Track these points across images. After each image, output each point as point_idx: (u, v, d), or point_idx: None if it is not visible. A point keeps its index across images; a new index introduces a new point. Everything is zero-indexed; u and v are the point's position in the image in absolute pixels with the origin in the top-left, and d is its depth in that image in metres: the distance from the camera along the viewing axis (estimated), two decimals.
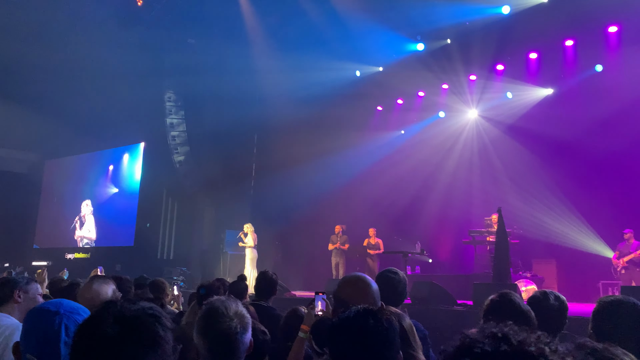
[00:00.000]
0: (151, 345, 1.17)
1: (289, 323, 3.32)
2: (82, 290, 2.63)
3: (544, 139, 11.36)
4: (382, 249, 11.99)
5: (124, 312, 1.20)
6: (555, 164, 11.33)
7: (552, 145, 11.29)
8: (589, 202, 10.73)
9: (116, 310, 1.20)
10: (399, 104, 13.88)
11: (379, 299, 2.24)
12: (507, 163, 11.84)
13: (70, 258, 17.35)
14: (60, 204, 18.98)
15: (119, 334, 1.15)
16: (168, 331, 1.23)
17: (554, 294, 2.94)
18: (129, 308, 1.21)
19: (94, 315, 1.23)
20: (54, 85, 15.02)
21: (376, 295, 2.24)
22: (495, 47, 10.86)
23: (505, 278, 7.75)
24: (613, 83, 10.20)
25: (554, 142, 11.26)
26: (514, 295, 2.50)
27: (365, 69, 12.80)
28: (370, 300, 2.14)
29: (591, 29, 10.18)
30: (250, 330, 1.87)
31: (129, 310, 1.21)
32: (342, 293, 2.23)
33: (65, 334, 1.63)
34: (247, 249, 12.07)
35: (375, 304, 2.13)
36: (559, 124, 11.20)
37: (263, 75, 12.89)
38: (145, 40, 12.78)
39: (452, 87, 12.65)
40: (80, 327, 1.22)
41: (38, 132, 17.08)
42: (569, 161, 11.11)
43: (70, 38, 13.00)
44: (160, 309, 1.28)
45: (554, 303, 2.87)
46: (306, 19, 11.43)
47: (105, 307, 1.23)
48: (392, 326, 1.60)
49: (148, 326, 1.19)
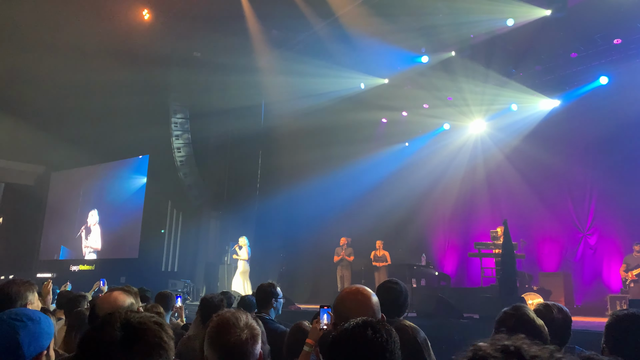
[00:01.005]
0: (157, 352, 1.20)
1: (294, 338, 3.30)
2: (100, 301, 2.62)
3: (550, 151, 11.35)
4: (389, 261, 11.92)
5: (130, 319, 1.23)
6: (561, 176, 11.31)
7: (558, 157, 11.27)
8: (597, 213, 10.69)
9: (122, 318, 1.23)
10: (403, 115, 13.90)
11: (379, 311, 2.23)
12: (512, 175, 11.81)
13: (74, 270, 17.36)
14: (65, 216, 19.04)
15: (125, 340, 1.18)
16: (171, 340, 1.26)
17: (557, 307, 2.90)
18: (133, 316, 1.25)
19: (101, 322, 1.25)
20: (59, 99, 15.15)
21: (376, 308, 2.23)
22: (499, 60, 10.90)
23: (512, 291, 7.71)
24: (618, 96, 10.20)
25: (560, 154, 11.25)
26: (527, 309, 2.48)
27: (370, 81, 12.85)
28: (370, 312, 2.13)
29: (596, 41, 10.20)
30: (260, 342, 1.87)
31: (134, 317, 1.24)
32: (341, 306, 2.22)
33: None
34: (239, 261, 12.18)
35: (376, 316, 2.12)
36: (565, 137, 11.21)
37: (268, 88, 12.97)
38: (150, 54, 12.90)
39: (457, 99, 12.67)
40: (87, 333, 1.24)
41: (44, 144, 17.20)
42: (574, 173, 11.08)
43: (76, 52, 13.13)
44: (162, 319, 1.31)
45: (557, 316, 2.83)
46: (311, 31, 11.52)
47: (111, 315, 1.26)
48: (391, 337, 1.59)
49: (154, 333, 1.22)
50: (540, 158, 11.43)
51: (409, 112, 13.74)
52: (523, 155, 11.69)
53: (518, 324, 2.29)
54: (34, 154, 18.17)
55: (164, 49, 12.96)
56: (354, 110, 12.97)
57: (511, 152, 11.94)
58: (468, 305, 8.28)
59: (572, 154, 11.06)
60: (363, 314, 1.91)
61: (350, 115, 13.01)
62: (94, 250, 17.36)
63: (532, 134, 11.66)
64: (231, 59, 12.20)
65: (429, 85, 12.11)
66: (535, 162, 11.48)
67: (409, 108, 13.65)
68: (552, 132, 11.40)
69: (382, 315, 2.24)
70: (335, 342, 1.59)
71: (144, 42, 12.73)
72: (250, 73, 12.42)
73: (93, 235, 17.53)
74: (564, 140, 11.27)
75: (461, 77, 11.56)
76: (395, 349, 1.58)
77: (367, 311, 2.12)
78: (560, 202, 11.35)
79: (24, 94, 15.05)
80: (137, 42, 12.76)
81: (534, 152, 11.52)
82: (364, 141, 13.60)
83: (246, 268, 12.09)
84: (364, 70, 12.44)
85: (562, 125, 11.25)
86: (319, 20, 11.21)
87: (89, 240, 17.53)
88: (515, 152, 11.85)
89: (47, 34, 12.73)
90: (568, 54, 10.67)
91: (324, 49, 11.56)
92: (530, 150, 11.59)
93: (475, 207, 12.28)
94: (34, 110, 15.55)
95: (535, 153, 11.51)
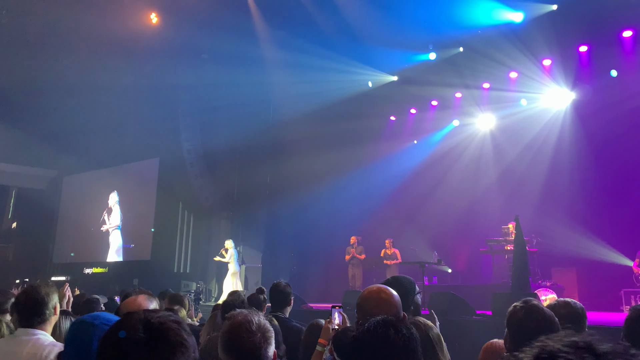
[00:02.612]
0: (180, 350, 1.20)
1: (311, 336, 3.32)
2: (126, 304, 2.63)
3: (561, 146, 11.28)
4: (399, 258, 11.93)
5: (150, 319, 1.23)
6: (573, 171, 11.21)
7: (570, 152, 11.19)
8: (608, 208, 10.59)
9: (141, 317, 1.23)
10: (412, 113, 13.87)
11: (401, 310, 2.23)
12: (523, 171, 11.74)
13: (88, 273, 17.53)
14: (77, 220, 19.21)
15: (150, 341, 1.18)
16: (191, 337, 1.26)
17: (574, 302, 2.93)
18: (152, 315, 1.25)
19: (121, 322, 1.25)
20: (69, 103, 15.27)
21: (399, 305, 2.23)
22: (507, 55, 10.83)
23: (525, 287, 7.66)
24: (631, 88, 10.09)
25: (572, 150, 11.17)
26: (538, 302, 2.48)
27: (377, 80, 12.83)
28: (394, 310, 2.14)
29: (605, 34, 10.10)
30: (274, 343, 1.88)
31: (154, 317, 1.24)
32: (365, 305, 2.23)
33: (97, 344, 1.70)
34: (229, 264, 12.57)
35: (398, 314, 2.13)
36: (577, 132, 11.13)
37: (276, 88, 12.99)
38: (159, 57, 12.97)
39: (466, 96, 12.63)
40: (107, 333, 1.24)
41: (55, 149, 17.38)
42: (587, 168, 10.98)
43: (86, 56, 13.24)
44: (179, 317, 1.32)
45: (573, 312, 2.84)
46: (318, 31, 11.52)
47: (130, 315, 1.26)
48: (412, 336, 1.59)
49: (174, 331, 1.22)
50: (551, 152, 11.36)
51: (418, 110, 13.72)
52: (533, 149, 11.62)
53: (528, 315, 2.29)
54: (46, 158, 18.34)
55: (172, 52, 13.02)
56: (363, 109, 12.95)
57: (521, 147, 11.86)
58: (480, 303, 8.25)
59: (582, 148, 10.96)
60: (386, 312, 1.92)
61: (359, 113, 12.99)
62: (115, 227, 17.48)
63: (543, 130, 11.59)
64: (239, 60, 12.23)
65: (438, 82, 12.06)
66: (546, 156, 11.41)
67: (417, 106, 13.62)
68: (562, 126, 11.33)
69: (404, 314, 2.24)
70: (357, 340, 1.60)
71: (152, 46, 12.80)
72: (258, 74, 12.44)
73: (114, 214, 17.76)
74: (574, 134, 11.19)
75: (469, 73, 11.51)
76: (416, 347, 1.59)
77: (390, 309, 2.13)
78: (572, 197, 11.25)
79: (34, 99, 15.21)
80: (146, 45, 12.83)
81: (544, 147, 11.45)
82: (372, 140, 13.58)
83: (235, 269, 12.59)
84: (371, 68, 12.42)
85: (573, 119, 11.18)
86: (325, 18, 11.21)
87: (111, 220, 17.73)
88: (525, 148, 11.77)
89: (55, 39, 12.85)
90: (576, 47, 10.58)
91: (331, 48, 11.56)
92: (540, 145, 11.52)
93: (487, 204, 12.21)
94: (44, 115, 15.69)
95: (545, 148, 11.44)
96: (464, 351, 3.99)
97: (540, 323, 2.23)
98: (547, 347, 0.84)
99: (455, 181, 12.83)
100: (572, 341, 0.83)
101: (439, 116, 13.40)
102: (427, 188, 12.85)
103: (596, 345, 0.82)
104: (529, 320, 2.25)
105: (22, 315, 2.64)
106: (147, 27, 12.50)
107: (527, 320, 2.26)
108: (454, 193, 12.76)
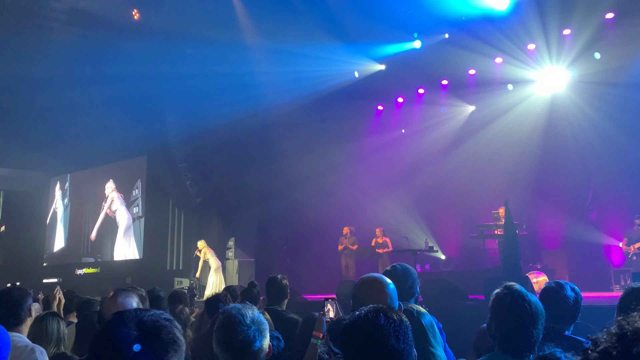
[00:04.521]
0: (173, 348, 1.22)
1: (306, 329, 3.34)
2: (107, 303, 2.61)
3: (549, 131, 11.38)
4: (390, 247, 12.02)
5: (142, 318, 1.23)
6: (560, 153, 11.31)
7: (557, 134, 11.29)
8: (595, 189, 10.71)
9: (133, 316, 1.24)
10: (399, 102, 13.89)
11: (396, 299, 2.23)
12: (510, 155, 11.81)
13: (80, 274, 17.42)
14: (67, 221, 19.07)
15: (143, 340, 1.19)
16: (182, 335, 1.27)
17: (569, 285, 2.99)
18: (145, 314, 1.26)
19: (113, 320, 1.25)
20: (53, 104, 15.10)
21: (393, 295, 2.24)
22: (493, 41, 10.84)
23: (516, 270, 7.75)
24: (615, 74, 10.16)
25: (557, 134, 11.27)
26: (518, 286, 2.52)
27: (364, 69, 12.79)
28: (388, 300, 2.14)
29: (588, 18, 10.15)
30: (268, 336, 1.88)
31: (146, 315, 1.25)
32: (360, 294, 2.23)
33: None
34: (210, 260, 12.76)
35: (393, 303, 2.13)
36: (565, 115, 11.22)
37: (264, 82, 12.90)
38: (143, 52, 12.83)
39: (452, 83, 12.65)
40: (100, 334, 1.24)
41: (41, 150, 17.19)
42: (574, 150, 11.08)
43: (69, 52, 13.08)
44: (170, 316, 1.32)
45: (570, 294, 2.91)
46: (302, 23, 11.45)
47: (122, 314, 1.26)
48: (403, 323, 1.60)
49: (167, 330, 1.23)
50: (539, 136, 11.45)
51: (405, 98, 13.73)
52: (519, 134, 11.70)
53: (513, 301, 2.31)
54: (32, 160, 18.15)
55: (156, 47, 12.88)
56: (351, 98, 12.91)
57: (508, 132, 11.93)
58: (473, 287, 8.34)
59: (572, 131, 11.05)
60: (381, 301, 1.93)
61: (347, 104, 12.98)
62: (115, 211, 17.29)
63: (528, 114, 11.67)
64: (224, 53, 12.15)
65: (424, 70, 12.06)
66: (533, 139, 11.49)
67: (404, 94, 13.62)
68: (549, 110, 11.43)
69: (400, 304, 2.24)
70: (348, 328, 1.61)
71: (135, 41, 12.68)
72: (243, 65, 12.35)
73: (109, 202, 17.57)
74: (563, 118, 11.27)
75: (455, 59, 11.50)
76: (407, 334, 1.59)
77: (385, 299, 2.13)
78: (561, 180, 11.37)
79: (16, 101, 15.01)
80: (129, 41, 12.71)
81: (531, 131, 11.53)
82: (361, 130, 13.59)
83: (218, 264, 12.74)
84: (356, 58, 12.38)
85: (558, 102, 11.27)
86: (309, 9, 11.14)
87: (111, 206, 17.53)
88: (512, 133, 11.84)
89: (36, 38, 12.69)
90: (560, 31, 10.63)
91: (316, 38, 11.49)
92: (527, 128, 11.60)
93: (476, 189, 12.30)
94: (28, 116, 15.50)
95: (532, 132, 11.52)
96: (458, 336, 4.03)
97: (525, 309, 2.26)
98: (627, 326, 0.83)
99: (444, 168, 12.89)
100: None
101: (427, 104, 13.43)
102: (417, 176, 12.90)
103: None
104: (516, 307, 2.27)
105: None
106: (131, 22, 12.36)
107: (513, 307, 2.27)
108: (443, 180, 12.83)
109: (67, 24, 12.52)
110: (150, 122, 14.85)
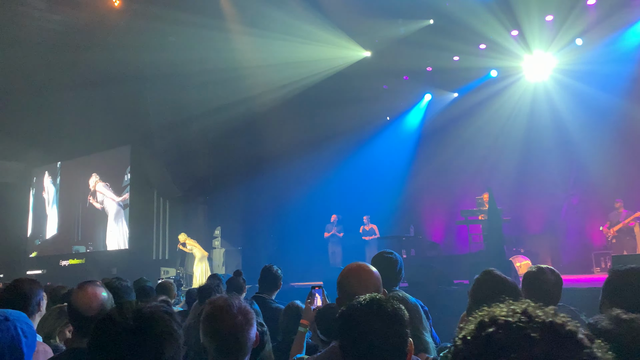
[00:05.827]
0: (169, 339, 1.25)
1: (288, 318, 3.37)
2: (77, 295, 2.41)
3: (530, 116, 11.48)
4: (377, 233, 12.10)
5: (141, 309, 1.27)
6: (542, 138, 11.44)
7: (539, 119, 11.41)
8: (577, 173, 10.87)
9: (133, 307, 1.28)
10: (384, 88, 13.86)
11: (381, 287, 2.26)
12: (494, 141, 11.92)
13: (64, 265, 17.27)
14: (51, 212, 18.85)
15: (139, 328, 1.22)
16: (180, 327, 1.30)
17: (549, 268, 3.05)
18: (144, 306, 1.29)
19: (113, 311, 1.28)
20: (34, 93, 14.84)
21: (379, 283, 2.26)
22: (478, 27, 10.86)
23: (500, 255, 7.86)
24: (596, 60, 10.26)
25: (539, 119, 11.38)
26: (497, 271, 2.57)
27: (350, 56, 12.71)
28: (373, 288, 2.17)
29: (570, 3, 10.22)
30: (255, 325, 1.90)
31: (145, 307, 1.28)
32: (345, 283, 2.24)
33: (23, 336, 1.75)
34: (194, 250, 12.86)
35: (378, 291, 2.16)
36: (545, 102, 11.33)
37: (248, 69, 12.79)
38: (124, 41, 12.62)
39: (436, 69, 12.67)
40: (100, 322, 1.28)
41: (23, 141, 16.91)
42: (556, 135, 11.21)
43: (48, 44, 12.83)
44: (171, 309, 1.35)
45: (550, 277, 2.97)
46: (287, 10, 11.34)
47: (122, 305, 1.30)
48: (399, 312, 1.63)
49: (165, 322, 1.26)
50: (521, 121, 11.56)
51: (390, 86, 13.71)
52: (502, 119, 11.80)
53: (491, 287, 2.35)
54: (13, 151, 17.85)
55: (138, 36, 12.68)
56: (337, 86, 12.86)
57: (491, 118, 12.01)
58: (458, 272, 8.46)
59: (554, 116, 11.17)
60: (366, 290, 1.94)
61: (333, 91, 12.94)
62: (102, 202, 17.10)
63: (512, 98, 11.77)
64: (208, 42, 12.01)
65: (408, 57, 12.05)
66: (515, 126, 11.60)
67: (389, 82, 13.60)
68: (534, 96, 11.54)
69: (384, 290, 2.27)
70: (345, 319, 1.61)
71: (116, 30, 12.46)
72: (228, 53, 12.22)
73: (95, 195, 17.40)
74: (546, 104, 11.38)
75: (440, 45, 11.50)
76: (403, 322, 1.62)
77: (370, 287, 2.15)
78: (543, 165, 11.51)
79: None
80: (109, 30, 12.49)
81: (514, 116, 11.64)
82: (347, 117, 13.56)
83: (202, 253, 12.83)
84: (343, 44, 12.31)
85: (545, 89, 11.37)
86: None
87: (97, 198, 17.35)
88: (495, 118, 11.93)
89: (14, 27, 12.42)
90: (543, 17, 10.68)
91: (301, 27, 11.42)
92: (510, 114, 11.70)
93: (459, 175, 12.40)
94: (7, 107, 15.21)
95: (516, 117, 11.63)
96: (444, 321, 4.10)
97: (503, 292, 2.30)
98: (491, 313, 0.87)
99: (428, 154, 12.97)
100: (512, 309, 0.86)
101: (411, 91, 13.45)
102: (400, 162, 12.97)
103: (532, 311, 0.85)
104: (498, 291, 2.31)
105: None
106: (110, 11, 12.13)
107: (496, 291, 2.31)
108: (427, 167, 12.91)
109: (47, 12, 12.23)
110: (133, 111, 14.67)
